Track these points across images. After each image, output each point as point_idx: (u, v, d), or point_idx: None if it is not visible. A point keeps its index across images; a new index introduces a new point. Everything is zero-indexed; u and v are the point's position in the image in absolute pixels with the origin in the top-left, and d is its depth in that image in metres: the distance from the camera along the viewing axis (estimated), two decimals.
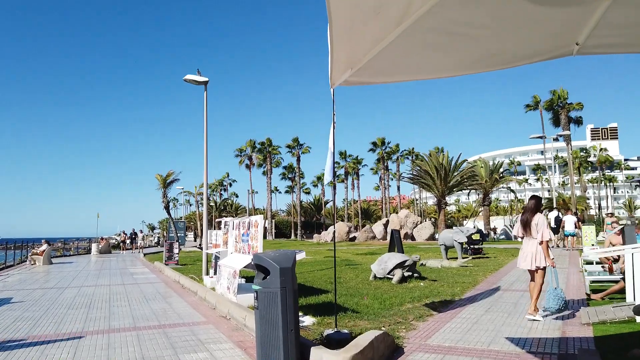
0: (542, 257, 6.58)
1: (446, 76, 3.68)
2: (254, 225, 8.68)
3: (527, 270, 6.78)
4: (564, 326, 6.15)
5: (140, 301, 9.80)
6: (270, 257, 4.54)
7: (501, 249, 23.31)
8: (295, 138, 64.05)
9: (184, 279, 12.64)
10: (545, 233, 6.57)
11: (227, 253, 10.69)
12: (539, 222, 6.66)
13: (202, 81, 12.48)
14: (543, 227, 6.61)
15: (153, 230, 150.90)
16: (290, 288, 4.46)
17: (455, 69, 3.57)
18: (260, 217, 8.45)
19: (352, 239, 48.79)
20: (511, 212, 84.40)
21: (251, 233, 8.80)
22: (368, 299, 8.33)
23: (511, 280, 11.00)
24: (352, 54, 3.40)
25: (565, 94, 46.09)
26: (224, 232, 11.34)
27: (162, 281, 13.87)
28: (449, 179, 40.70)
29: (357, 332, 5.85)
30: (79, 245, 37.46)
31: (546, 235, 6.57)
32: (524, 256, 6.73)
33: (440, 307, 7.59)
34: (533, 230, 6.64)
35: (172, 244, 19.25)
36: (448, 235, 17.69)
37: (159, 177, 27.33)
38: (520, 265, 6.80)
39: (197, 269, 15.96)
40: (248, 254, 8.85)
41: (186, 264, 19.26)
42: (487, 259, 17.35)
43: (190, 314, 8.20)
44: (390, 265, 10.78)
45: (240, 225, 9.61)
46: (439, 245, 18.21)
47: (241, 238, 9.49)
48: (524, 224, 6.75)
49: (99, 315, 8.23)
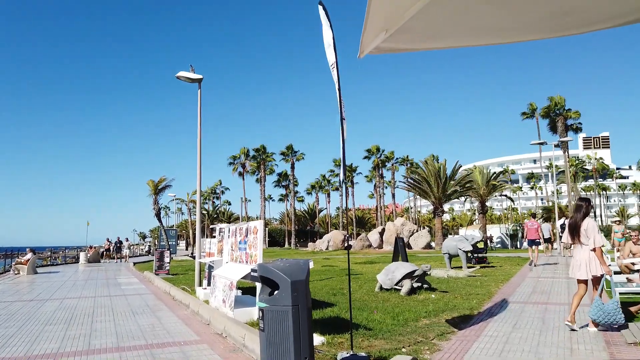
0: (597, 265, 5.95)
1: (505, 41, 2.95)
2: (252, 232, 7.89)
3: (577, 280, 6.20)
4: (609, 346, 5.40)
5: (126, 315, 8.93)
6: (279, 268, 3.76)
7: (503, 257, 22.64)
8: (289, 145, 63.36)
9: (174, 290, 11.78)
10: (597, 239, 5.94)
11: (222, 262, 9.87)
12: (588, 227, 6.01)
13: (195, 78, 11.71)
14: (594, 232, 5.98)
15: (144, 239, 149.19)
16: (304, 306, 3.68)
17: (519, 30, 2.84)
18: (259, 223, 7.66)
19: (348, 247, 47.99)
20: (506, 220, 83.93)
21: (249, 240, 8.00)
22: (378, 314, 7.55)
23: (527, 291, 10.27)
24: (391, 11, 2.67)
25: (562, 101, 45.77)
26: (219, 240, 10.52)
27: (151, 292, 12.99)
28: (446, 187, 40.08)
29: (376, 354, 5.07)
30: (66, 254, 36.24)
31: (598, 241, 5.94)
32: (577, 265, 6.09)
33: (460, 323, 6.81)
34: (582, 237, 6.01)
35: (162, 252, 18.35)
36: (452, 243, 16.98)
37: (151, 182, 26.41)
38: (574, 274, 6.19)
39: (189, 279, 15.08)
40: (246, 263, 8.05)
41: (177, 274, 18.36)
42: (492, 268, 16.62)
43: (181, 331, 7.36)
44: (399, 276, 10.01)
45: (237, 231, 8.80)
46: (443, 254, 17.50)
47: (238, 246, 8.69)
48: (572, 229, 6.09)
49: (79, 332, 7.37)
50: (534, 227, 16.93)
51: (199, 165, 11.65)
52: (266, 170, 65.11)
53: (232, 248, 9.12)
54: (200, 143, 11.58)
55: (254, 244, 7.68)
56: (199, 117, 11.63)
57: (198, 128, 11.54)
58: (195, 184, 12.01)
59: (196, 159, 11.69)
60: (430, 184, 40.75)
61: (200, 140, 11.56)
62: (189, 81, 11.81)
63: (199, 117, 11.63)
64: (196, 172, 11.80)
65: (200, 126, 11.51)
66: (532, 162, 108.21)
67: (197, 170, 11.78)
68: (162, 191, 27.15)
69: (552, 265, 17.25)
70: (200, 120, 11.59)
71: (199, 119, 11.61)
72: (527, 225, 17.43)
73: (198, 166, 11.62)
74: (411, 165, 70.76)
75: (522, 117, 53.74)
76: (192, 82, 11.91)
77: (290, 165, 64.58)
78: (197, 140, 11.74)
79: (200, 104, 11.75)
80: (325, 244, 50.80)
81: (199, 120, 11.58)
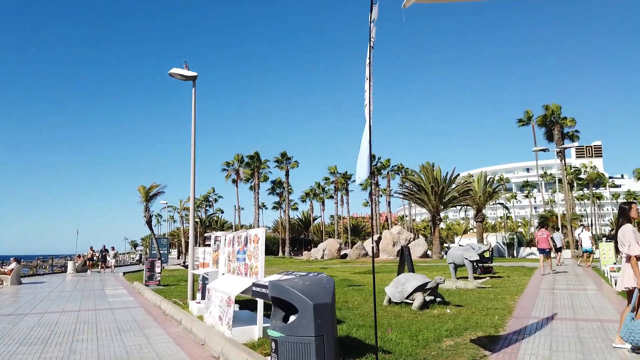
0: (630, 276, 5.22)
1: None
2: (253, 241, 7.09)
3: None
4: None
5: (111, 334, 8.06)
6: (298, 287, 2.97)
7: (507, 266, 21.90)
8: (283, 152, 62.59)
9: (165, 304, 10.90)
10: (634, 247, 5.19)
11: (217, 274, 9.04)
12: (624, 233, 5.28)
13: (190, 76, 10.93)
14: (630, 239, 5.24)
15: (136, 247, 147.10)
16: (331, 336, 2.90)
17: None
18: (260, 231, 6.86)
19: (344, 256, 47.10)
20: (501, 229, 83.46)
21: (249, 250, 7.19)
22: (393, 332, 6.75)
23: (547, 304, 9.52)
24: None
25: (558, 109, 45.44)
26: (214, 249, 9.69)
27: (140, 305, 12.10)
28: (444, 194, 39.41)
29: None
30: (54, 263, 35.02)
31: (634, 249, 5.18)
32: (621, 275, 5.36)
33: (488, 344, 6.03)
34: (619, 243, 5.28)
35: (153, 262, 17.43)
36: (458, 252, 16.24)
37: (142, 189, 25.43)
38: (618, 286, 5.47)
39: (181, 291, 14.20)
40: (245, 275, 7.24)
41: (169, 285, 17.44)
42: (500, 278, 15.89)
43: (172, 352, 6.51)
44: (410, 288, 9.22)
45: (235, 240, 7.99)
46: (448, 264, 16.75)
47: (236, 256, 7.88)
48: (616, 236, 5.37)
49: (56, 354, 6.50)
50: (543, 237, 16.69)
51: (192, 167, 10.84)
52: (260, 178, 64.22)
53: (230, 258, 8.30)
54: (194, 143, 10.78)
55: (255, 254, 6.87)
56: (193, 116, 10.84)
57: (192, 128, 10.74)
58: (189, 190, 11.21)
59: (190, 164, 10.90)
60: (427, 192, 40.08)
61: (194, 140, 10.76)
62: (182, 79, 11.02)
63: (193, 116, 10.84)
64: (190, 178, 11.00)
65: (195, 126, 10.71)
66: (526, 170, 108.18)
67: (190, 175, 10.97)
68: (154, 198, 26.20)
69: (562, 275, 16.59)
70: (195, 120, 10.80)
71: (193, 118, 10.81)
72: (537, 235, 17.23)
73: (192, 168, 10.81)
74: (406, 173, 70.23)
75: (518, 124, 53.48)
76: (186, 80, 11.12)
77: (285, 172, 63.72)
78: (190, 142, 10.95)
79: (194, 103, 10.96)
80: (320, 252, 49.91)
81: (193, 119, 10.78)
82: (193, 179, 10.92)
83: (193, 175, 10.90)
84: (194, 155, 10.89)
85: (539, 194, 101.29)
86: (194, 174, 10.94)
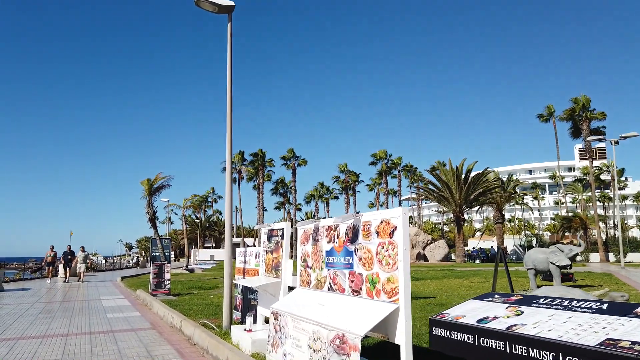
0: None
1: None
2: (375, 232, 3.95)
3: None
4: None
5: None
6: None
7: (582, 272, 18.75)
8: (290, 149, 59.36)
9: (190, 328, 7.66)
10: None
11: (280, 287, 5.89)
12: None
13: (224, 5, 7.81)
14: None
15: (130, 250, 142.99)
16: None
17: None
18: (399, 211, 3.73)
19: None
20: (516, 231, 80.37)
21: (367, 249, 4.05)
22: None
23: None
24: None
25: (588, 102, 42.47)
26: (268, 248, 6.51)
27: (151, 325, 8.94)
28: (469, 192, 36.39)
29: None
30: (43, 266, 31.63)
31: None
32: None
33: None
34: None
35: (161, 266, 14.31)
36: (541, 256, 13.18)
37: (146, 182, 22.15)
38: None
39: (200, 304, 11.05)
40: (356, 295, 4.11)
41: (180, 294, 14.30)
42: (590, 287, 12.84)
43: None
44: None
45: (324, 231, 4.83)
46: (527, 270, 13.70)
47: (325, 259, 4.74)
48: None
49: None
50: None
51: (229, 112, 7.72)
52: (264, 177, 61.04)
53: (308, 263, 5.15)
54: (230, 90, 7.65)
55: (387, 256, 3.74)
56: (229, 55, 7.73)
57: (228, 71, 7.63)
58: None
59: (226, 109, 7.80)
60: (451, 189, 37.07)
61: (230, 86, 7.63)
62: (214, 11, 7.89)
63: (229, 55, 7.73)
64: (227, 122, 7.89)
65: (231, 67, 7.61)
66: (544, 171, 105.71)
67: (227, 132, 7.83)
68: (158, 192, 22.89)
69: None
70: (231, 60, 7.70)
71: (229, 58, 7.71)
72: None
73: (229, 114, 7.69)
74: (414, 173, 67.20)
75: (539, 120, 50.55)
76: (218, 13, 8.00)
77: (292, 170, 60.48)
78: (227, 96, 7.85)
79: (230, 40, 7.85)
80: None
81: (229, 59, 7.68)
82: (229, 138, 7.77)
83: (229, 134, 7.75)
84: (230, 105, 7.76)
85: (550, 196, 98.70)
86: (230, 133, 7.79)
